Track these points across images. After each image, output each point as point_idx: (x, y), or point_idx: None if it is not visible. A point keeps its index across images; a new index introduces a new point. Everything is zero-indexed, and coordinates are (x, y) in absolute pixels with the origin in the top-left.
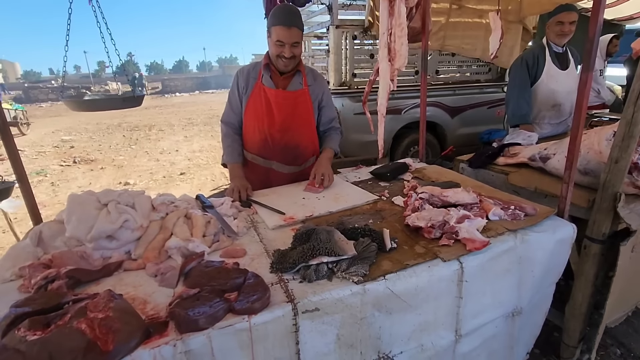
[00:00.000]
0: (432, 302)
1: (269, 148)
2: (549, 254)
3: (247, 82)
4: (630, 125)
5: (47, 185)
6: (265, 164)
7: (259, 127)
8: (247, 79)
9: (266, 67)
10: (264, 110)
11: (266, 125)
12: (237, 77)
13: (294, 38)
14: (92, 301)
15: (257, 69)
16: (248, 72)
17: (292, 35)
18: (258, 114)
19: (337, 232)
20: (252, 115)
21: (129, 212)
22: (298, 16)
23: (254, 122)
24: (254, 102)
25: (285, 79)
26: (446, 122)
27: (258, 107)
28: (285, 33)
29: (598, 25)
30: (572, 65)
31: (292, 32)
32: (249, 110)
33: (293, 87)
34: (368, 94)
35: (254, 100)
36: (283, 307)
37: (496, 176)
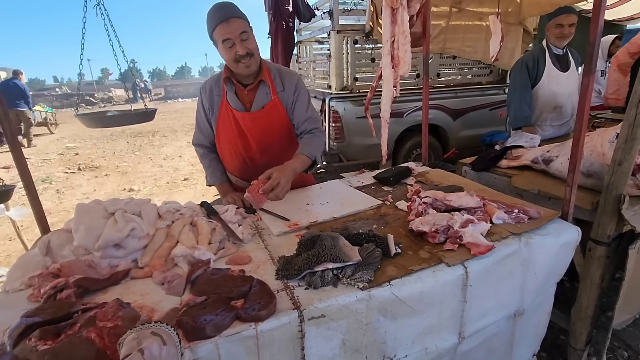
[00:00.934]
0: (437, 307)
1: (250, 170)
2: (553, 256)
3: (211, 101)
4: (633, 127)
5: (52, 193)
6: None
7: (235, 151)
8: (211, 97)
9: (228, 82)
10: (235, 134)
11: (242, 148)
12: (200, 96)
13: (238, 29)
14: (101, 310)
15: (220, 84)
16: (211, 90)
17: (235, 27)
18: (231, 138)
19: (342, 238)
20: (224, 139)
21: (136, 220)
22: (234, 7)
23: (228, 145)
24: (224, 126)
25: (251, 91)
26: (448, 125)
27: (229, 132)
28: (226, 28)
29: (599, 28)
30: (572, 67)
31: (233, 24)
32: (220, 134)
33: (260, 100)
34: (370, 100)
35: (223, 123)
36: (289, 314)
37: (499, 179)
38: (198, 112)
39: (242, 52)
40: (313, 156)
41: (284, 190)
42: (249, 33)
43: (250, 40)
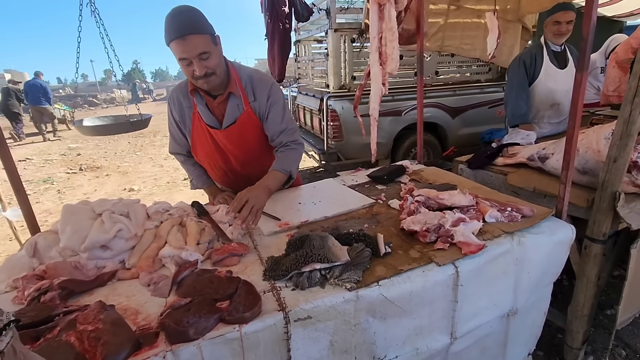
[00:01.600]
0: (427, 307)
1: (233, 181)
2: (547, 255)
3: (181, 114)
4: (628, 123)
5: (53, 193)
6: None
7: (214, 164)
8: (181, 110)
9: (195, 94)
10: (213, 148)
11: (221, 162)
12: (169, 107)
13: (196, 49)
14: (82, 313)
15: (188, 94)
16: (180, 102)
17: (192, 46)
18: (208, 152)
19: (331, 238)
20: (202, 153)
21: (123, 221)
22: (195, 18)
23: (207, 159)
24: (199, 139)
25: (221, 104)
26: (447, 123)
27: (205, 146)
28: (181, 47)
29: (592, 24)
30: (570, 64)
31: (189, 42)
32: (196, 148)
33: (232, 114)
34: (359, 98)
35: (198, 137)
36: (274, 316)
37: (495, 177)
38: (170, 122)
39: (199, 73)
40: (287, 171)
41: (256, 215)
42: (210, 51)
43: (211, 59)
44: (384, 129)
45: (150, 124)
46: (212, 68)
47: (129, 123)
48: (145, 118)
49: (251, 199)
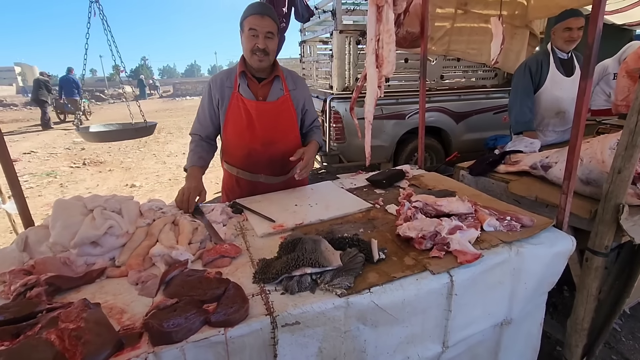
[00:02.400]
0: (420, 315)
1: (253, 162)
2: (545, 266)
3: (222, 92)
4: (633, 134)
5: (56, 187)
6: (252, 177)
7: (240, 143)
8: (222, 89)
9: (242, 75)
10: (244, 123)
11: (248, 139)
12: (209, 88)
13: (267, 27)
14: (65, 311)
15: (232, 77)
16: (222, 82)
17: (266, 24)
18: (238, 128)
19: (324, 242)
20: (232, 130)
21: (115, 218)
22: (272, 10)
23: (235, 136)
24: (233, 115)
25: (264, 86)
26: (451, 128)
27: (238, 121)
28: (257, 21)
29: (597, 31)
30: (577, 72)
31: (265, 21)
32: (228, 125)
33: (274, 95)
34: (356, 100)
35: (232, 113)
36: (261, 320)
37: (496, 184)
38: (202, 104)
39: (261, 46)
40: (320, 143)
41: (309, 165)
42: (275, 36)
43: (272, 42)
44: (387, 132)
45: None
46: (269, 49)
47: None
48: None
49: (307, 153)
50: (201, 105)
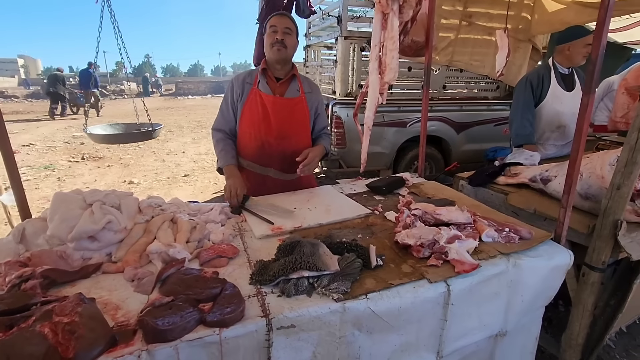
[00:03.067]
0: (415, 324)
1: (265, 155)
2: (542, 279)
3: (242, 88)
4: (633, 151)
5: (53, 180)
6: (262, 171)
7: (255, 134)
8: (243, 85)
9: (263, 73)
10: (260, 116)
11: (263, 131)
12: (232, 84)
13: (285, 24)
14: (59, 304)
15: (254, 75)
16: (244, 79)
17: (284, 22)
18: (254, 120)
19: (322, 246)
20: (247, 122)
21: (114, 213)
22: (291, 15)
23: (250, 128)
24: (250, 108)
25: (282, 85)
26: (452, 138)
27: (254, 114)
28: (277, 20)
29: (601, 47)
30: (577, 87)
31: (284, 19)
32: (244, 117)
33: (290, 94)
34: (359, 106)
35: (249, 106)
36: (257, 322)
37: (495, 196)
38: (225, 99)
39: (280, 37)
40: (328, 149)
41: (315, 165)
42: (293, 33)
43: (290, 38)
44: (388, 139)
45: (156, 120)
46: (287, 43)
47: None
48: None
49: (312, 152)
50: (224, 101)
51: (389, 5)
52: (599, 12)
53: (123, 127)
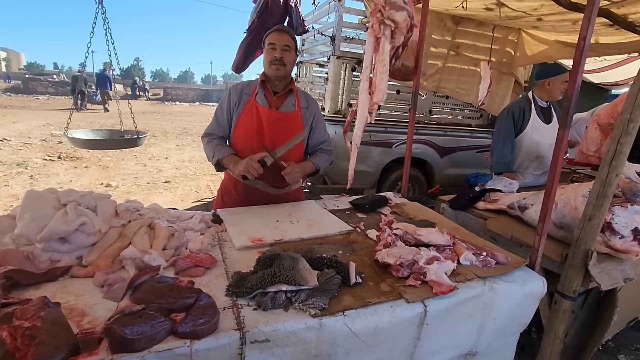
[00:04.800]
0: (390, 342)
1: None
2: (515, 304)
3: (239, 97)
4: (604, 184)
5: (25, 178)
6: (251, 182)
7: (247, 145)
8: (240, 95)
9: (261, 85)
10: (254, 128)
11: (255, 143)
12: (229, 93)
13: (284, 41)
14: (21, 307)
15: (252, 86)
16: (242, 89)
17: (283, 39)
18: (248, 131)
19: (302, 260)
20: (241, 132)
21: (88, 215)
22: (290, 30)
23: (243, 139)
24: (245, 119)
25: (279, 98)
26: (435, 161)
27: (248, 125)
28: (276, 36)
29: (576, 85)
30: (555, 120)
31: (283, 36)
32: (238, 127)
33: (286, 108)
34: (350, 124)
35: (244, 117)
36: (230, 335)
37: (475, 220)
38: (220, 106)
39: (278, 55)
40: (318, 166)
41: (298, 175)
42: (291, 50)
43: (289, 55)
44: (374, 158)
45: (141, 123)
46: (286, 60)
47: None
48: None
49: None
50: (220, 107)
51: (381, 30)
52: (575, 53)
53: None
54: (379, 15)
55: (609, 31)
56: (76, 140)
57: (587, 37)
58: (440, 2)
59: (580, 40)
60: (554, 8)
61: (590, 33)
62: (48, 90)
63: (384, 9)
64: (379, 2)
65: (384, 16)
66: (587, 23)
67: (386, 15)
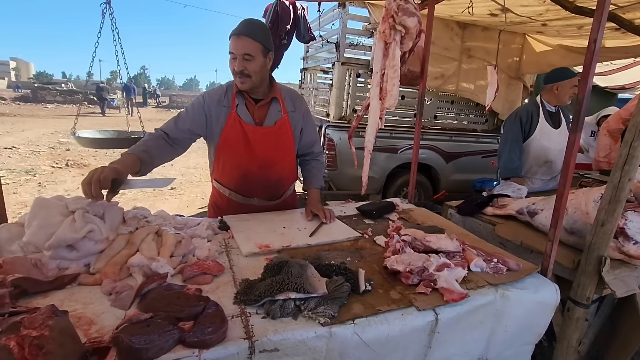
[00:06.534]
0: (401, 351)
1: (248, 184)
2: (527, 312)
3: (217, 110)
4: (617, 189)
5: (33, 185)
6: (245, 200)
7: (237, 163)
8: (218, 106)
9: (239, 95)
10: (242, 146)
11: (245, 161)
12: (203, 100)
13: (244, 49)
14: (29, 316)
15: (229, 95)
16: (219, 99)
17: (242, 45)
18: (236, 150)
19: (311, 267)
20: (229, 151)
21: (96, 222)
22: (256, 27)
23: (232, 157)
24: (230, 137)
25: (262, 108)
26: (441, 166)
27: (235, 143)
28: (234, 43)
29: (587, 88)
30: (563, 125)
31: (241, 41)
32: (225, 144)
33: (272, 117)
34: (355, 129)
35: (229, 133)
36: (239, 344)
37: (483, 226)
38: (187, 111)
39: (237, 69)
40: (321, 185)
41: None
42: (254, 57)
43: (253, 63)
44: (379, 164)
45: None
46: (249, 71)
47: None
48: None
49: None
50: (186, 111)
51: (391, 35)
52: (586, 56)
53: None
54: (391, 20)
55: (616, 35)
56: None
57: (597, 39)
58: (444, 9)
59: (591, 43)
60: (559, 13)
61: (600, 36)
62: (56, 99)
63: (397, 15)
64: (391, 8)
65: (396, 22)
66: (597, 25)
67: (398, 20)
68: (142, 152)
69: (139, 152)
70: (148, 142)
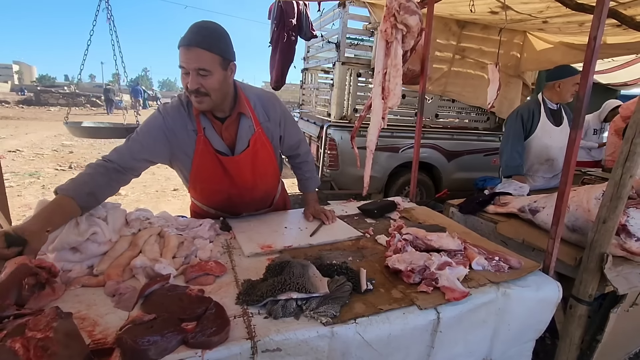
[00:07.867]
0: (403, 351)
1: (233, 205)
2: (530, 310)
3: (183, 133)
4: (618, 186)
5: (37, 188)
6: (233, 216)
7: (217, 189)
8: (183, 129)
9: (202, 116)
10: (219, 175)
11: (226, 187)
12: (163, 122)
13: (197, 62)
14: (34, 318)
15: (192, 117)
16: (183, 124)
17: (194, 58)
18: (212, 179)
19: (312, 267)
20: (207, 179)
21: (100, 224)
22: (210, 34)
23: (210, 185)
24: (204, 167)
25: (229, 126)
26: (442, 165)
27: (211, 173)
28: (184, 55)
29: (588, 85)
30: (565, 122)
31: (192, 53)
32: (198, 174)
33: (243, 135)
34: (357, 129)
35: (203, 163)
36: (241, 344)
37: (485, 224)
38: (144, 136)
39: (191, 87)
40: (317, 186)
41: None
42: (212, 72)
43: (210, 79)
44: (380, 163)
45: None
46: (206, 88)
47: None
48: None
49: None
50: (143, 137)
51: (393, 34)
52: (586, 53)
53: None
54: (392, 19)
55: (617, 31)
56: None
57: (597, 36)
58: (445, 8)
59: (591, 40)
60: (559, 10)
61: (600, 33)
62: (59, 102)
63: (398, 13)
64: (392, 7)
65: (398, 20)
66: (597, 22)
67: (400, 19)
68: (87, 196)
69: (80, 196)
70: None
